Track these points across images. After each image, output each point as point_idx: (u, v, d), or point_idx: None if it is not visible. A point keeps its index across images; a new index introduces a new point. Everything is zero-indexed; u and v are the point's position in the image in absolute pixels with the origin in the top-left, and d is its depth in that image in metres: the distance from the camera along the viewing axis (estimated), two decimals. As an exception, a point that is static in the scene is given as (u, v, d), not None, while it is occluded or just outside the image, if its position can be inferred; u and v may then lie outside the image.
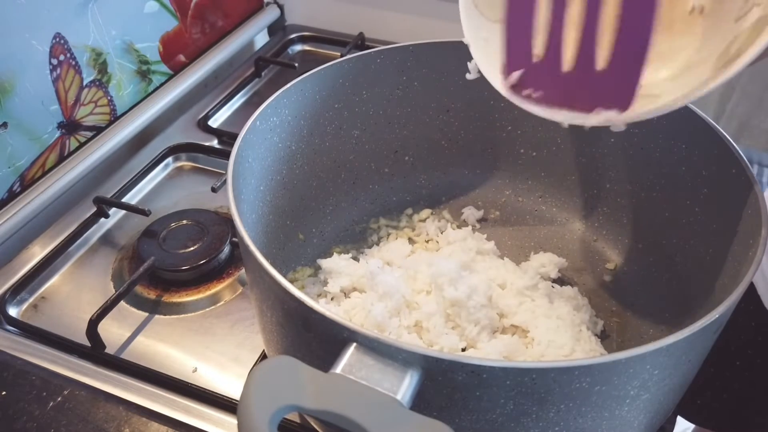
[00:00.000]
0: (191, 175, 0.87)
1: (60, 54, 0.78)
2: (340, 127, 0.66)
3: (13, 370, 0.60)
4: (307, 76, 0.61)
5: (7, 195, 0.76)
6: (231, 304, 0.68)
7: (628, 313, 0.63)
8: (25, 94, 0.74)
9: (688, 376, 0.46)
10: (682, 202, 0.59)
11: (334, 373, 0.36)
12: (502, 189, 0.74)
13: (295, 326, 0.42)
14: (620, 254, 0.67)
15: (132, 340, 0.65)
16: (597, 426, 0.41)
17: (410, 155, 0.72)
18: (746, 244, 0.46)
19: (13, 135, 0.74)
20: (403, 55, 0.66)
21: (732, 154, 0.51)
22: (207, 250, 0.71)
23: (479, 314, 0.56)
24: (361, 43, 1.06)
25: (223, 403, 0.58)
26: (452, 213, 0.73)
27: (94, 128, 0.85)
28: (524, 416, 0.38)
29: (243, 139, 0.53)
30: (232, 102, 0.97)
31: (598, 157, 0.67)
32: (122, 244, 0.75)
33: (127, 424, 0.56)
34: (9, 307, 0.67)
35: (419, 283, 0.59)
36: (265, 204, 0.60)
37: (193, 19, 0.98)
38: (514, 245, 0.70)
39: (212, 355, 0.63)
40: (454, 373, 0.36)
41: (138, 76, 0.91)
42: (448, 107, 0.70)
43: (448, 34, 0.66)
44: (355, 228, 0.71)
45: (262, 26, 1.13)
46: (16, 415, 0.57)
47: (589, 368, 0.36)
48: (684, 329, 0.37)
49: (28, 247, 0.74)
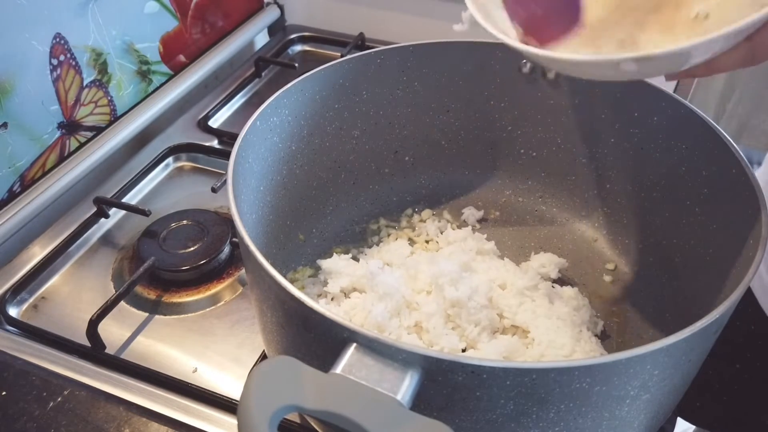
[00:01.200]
0: (191, 175, 0.87)
1: (60, 54, 0.78)
2: (340, 127, 0.66)
3: (13, 370, 0.60)
4: (307, 76, 0.61)
5: (7, 195, 0.76)
6: (231, 304, 0.68)
7: (628, 313, 0.63)
8: (26, 95, 0.74)
9: (688, 377, 0.46)
10: (682, 202, 0.59)
11: (334, 373, 0.36)
12: (502, 189, 0.74)
13: (295, 326, 0.42)
14: (620, 254, 0.67)
15: (132, 341, 0.65)
16: (597, 426, 0.41)
17: (410, 155, 0.72)
18: (746, 244, 0.46)
19: (13, 135, 0.74)
20: (403, 55, 0.66)
21: (732, 154, 0.51)
22: (207, 250, 0.71)
23: (480, 315, 0.56)
24: (361, 43, 1.06)
25: (223, 404, 0.58)
26: (452, 213, 0.73)
27: (94, 128, 0.85)
28: (524, 416, 0.38)
29: (243, 139, 0.53)
30: (232, 102, 0.97)
31: (598, 157, 0.67)
32: (122, 244, 0.75)
33: (127, 424, 0.56)
34: (9, 307, 0.67)
35: (420, 282, 0.59)
36: (265, 204, 0.60)
37: (193, 20, 0.98)
38: (514, 245, 0.70)
39: (212, 356, 0.63)
40: (454, 373, 0.36)
41: (138, 76, 0.91)
42: (448, 107, 0.70)
43: (448, 34, 0.66)
44: (355, 228, 0.71)
45: (262, 26, 1.13)
46: (16, 415, 0.57)
47: (589, 368, 0.36)
48: (684, 329, 0.37)
49: (28, 247, 0.74)
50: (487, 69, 0.67)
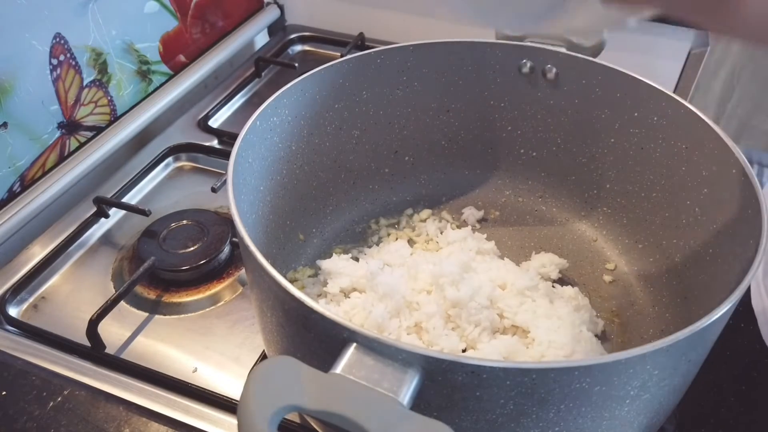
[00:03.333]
0: (191, 175, 0.87)
1: (60, 54, 0.78)
2: (340, 127, 0.66)
3: (13, 370, 0.60)
4: (307, 76, 0.61)
5: (7, 195, 0.76)
6: (231, 304, 0.68)
7: (628, 313, 0.63)
8: (26, 94, 0.74)
9: (688, 377, 0.46)
10: (682, 202, 0.59)
11: (334, 373, 0.36)
12: (502, 189, 0.74)
13: (295, 326, 0.42)
14: (620, 254, 0.67)
15: (132, 340, 0.65)
16: (597, 426, 0.41)
17: (410, 155, 0.72)
18: (746, 244, 0.46)
19: (13, 135, 0.74)
20: (403, 55, 0.66)
21: (732, 154, 0.51)
22: (207, 250, 0.71)
23: (480, 316, 0.56)
24: (361, 43, 1.06)
25: (223, 404, 0.58)
26: (452, 213, 0.73)
27: (94, 128, 0.85)
28: (524, 416, 0.38)
29: (243, 139, 0.53)
30: (232, 102, 0.97)
31: (598, 157, 0.67)
32: (122, 244, 0.75)
33: (127, 424, 0.56)
34: (9, 307, 0.67)
35: (420, 283, 0.59)
36: (265, 204, 0.60)
37: (193, 19, 0.98)
38: (514, 245, 0.70)
39: (212, 355, 0.63)
40: (454, 373, 0.36)
41: (138, 76, 0.91)
42: (448, 107, 0.70)
43: (448, 34, 0.66)
44: (355, 228, 0.71)
45: (262, 26, 1.13)
46: (16, 415, 0.57)
47: (589, 368, 0.36)
48: (684, 329, 0.37)
49: (28, 247, 0.74)
50: (487, 69, 0.67)
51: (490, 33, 0.67)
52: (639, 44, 0.90)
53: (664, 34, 0.90)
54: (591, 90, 0.64)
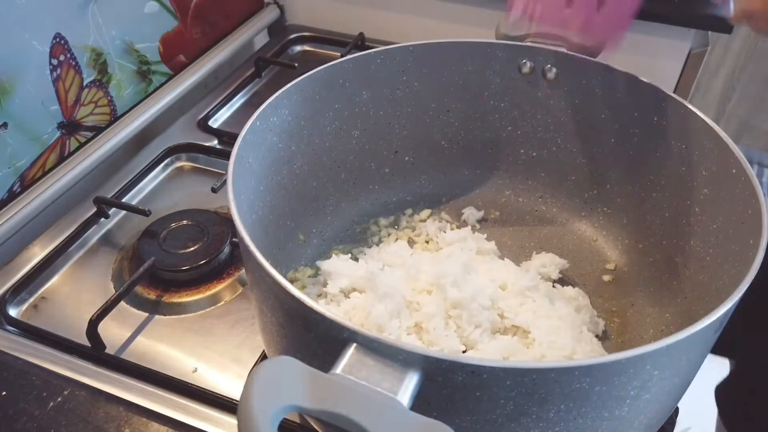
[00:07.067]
0: (191, 175, 0.87)
1: (60, 54, 0.78)
2: (340, 127, 0.66)
3: (13, 370, 0.60)
4: (307, 76, 0.61)
5: (7, 195, 0.76)
6: (231, 304, 0.68)
7: (628, 313, 0.63)
8: (25, 95, 0.74)
9: (688, 376, 0.46)
10: (682, 202, 0.59)
11: (334, 374, 0.36)
12: (502, 189, 0.74)
13: (295, 326, 0.42)
14: (620, 254, 0.67)
15: (132, 341, 0.65)
16: (597, 426, 0.41)
17: (410, 155, 0.72)
18: (746, 244, 0.46)
19: (13, 135, 0.74)
20: (403, 55, 0.66)
21: (732, 154, 0.51)
22: (207, 250, 0.71)
23: (481, 316, 0.56)
24: (361, 43, 1.06)
25: (223, 404, 0.58)
26: (452, 213, 0.73)
27: (94, 128, 0.85)
28: (524, 416, 0.38)
29: (243, 139, 0.53)
30: (232, 102, 0.97)
31: (598, 157, 0.67)
32: (122, 245, 0.75)
33: (127, 424, 0.56)
34: (9, 307, 0.67)
35: (420, 283, 0.59)
36: (265, 204, 0.60)
37: (193, 20, 0.98)
38: (514, 245, 0.70)
39: (212, 356, 0.63)
40: (454, 373, 0.36)
41: (138, 76, 0.91)
42: (448, 107, 0.70)
43: (448, 34, 0.66)
44: (355, 228, 0.71)
45: (262, 26, 1.13)
46: (16, 416, 0.56)
47: (590, 368, 0.36)
48: (684, 329, 0.37)
49: (28, 247, 0.74)
50: (487, 69, 0.67)
51: (490, 33, 0.67)
52: (639, 44, 0.90)
53: (664, 34, 0.90)
54: (591, 90, 0.64)
